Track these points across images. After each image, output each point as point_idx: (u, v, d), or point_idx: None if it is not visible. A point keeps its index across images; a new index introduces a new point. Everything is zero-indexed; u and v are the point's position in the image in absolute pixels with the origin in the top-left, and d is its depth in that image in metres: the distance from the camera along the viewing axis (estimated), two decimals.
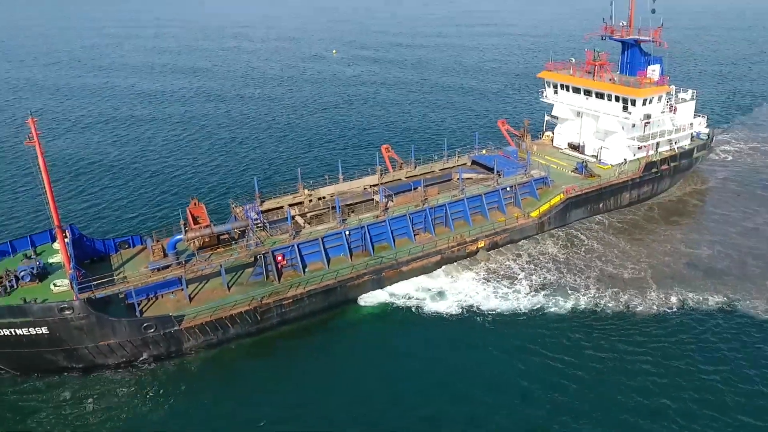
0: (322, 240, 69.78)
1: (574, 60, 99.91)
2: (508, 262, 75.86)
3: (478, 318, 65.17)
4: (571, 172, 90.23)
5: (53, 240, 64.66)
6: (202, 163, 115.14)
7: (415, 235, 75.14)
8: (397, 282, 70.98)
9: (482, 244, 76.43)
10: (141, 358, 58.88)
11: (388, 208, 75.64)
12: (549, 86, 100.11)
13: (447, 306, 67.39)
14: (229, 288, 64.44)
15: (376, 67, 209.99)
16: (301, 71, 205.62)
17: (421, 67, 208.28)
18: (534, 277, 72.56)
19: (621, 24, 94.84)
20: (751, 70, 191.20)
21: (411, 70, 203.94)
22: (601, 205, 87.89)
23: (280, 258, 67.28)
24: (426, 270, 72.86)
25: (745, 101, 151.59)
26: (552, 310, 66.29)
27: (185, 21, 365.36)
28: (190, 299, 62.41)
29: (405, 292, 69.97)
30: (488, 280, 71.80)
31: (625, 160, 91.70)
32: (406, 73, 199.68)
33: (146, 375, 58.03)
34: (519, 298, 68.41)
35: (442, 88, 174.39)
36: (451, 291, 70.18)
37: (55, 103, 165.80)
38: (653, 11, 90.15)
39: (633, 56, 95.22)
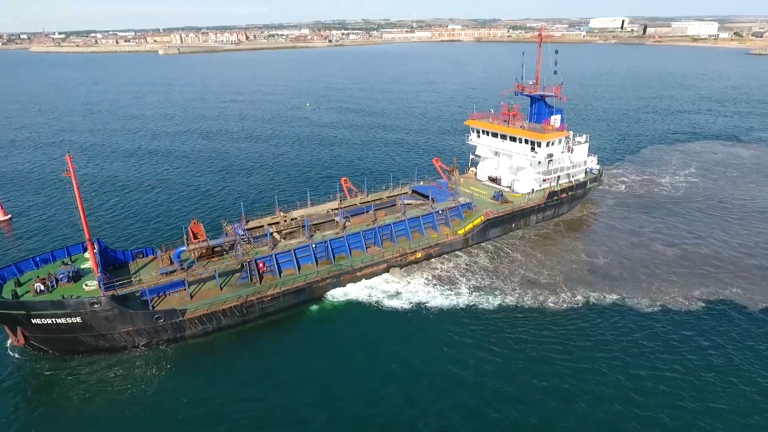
0: (294, 251, 73.01)
1: (493, 111, 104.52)
2: (447, 270, 79.87)
3: (421, 311, 69.26)
4: (490, 199, 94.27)
5: (84, 250, 68.60)
6: (201, 190, 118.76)
7: (366, 247, 78.56)
8: (352, 283, 74.74)
9: (419, 255, 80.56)
10: (153, 342, 62.08)
11: (346, 227, 79.18)
12: (473, 131, 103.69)
13: (392, 301, 71.29)
14: (221, 288, 67.39)
15: (339, 116, 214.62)
16: (282, 119, 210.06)
17: (375, 116, 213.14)
18: (464, 280, 76.69)
19: (530, 83, 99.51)
20: (640, 119, 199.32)
21: (366, 119, 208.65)
22: (513, 225, 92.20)
23: (261, 265, 70.34)
24: (375, 274, 76.77)
25: (634, 144, 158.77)
26: (483, 306, 69.74)
27: (191, 81, 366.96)
28: (191, 297, 65.32)
29: (358, 290, 73.81)
30: (427, 283, 75.81)
31: (533, 189, 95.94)
32: (362, 121, 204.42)
33: (157, 355, 61.41)
34: (443, 297, 72.33)
35: (391, 133, 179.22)
36: (393, 290, 73.87)
37: (88, 143, 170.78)
38: (555, 72, 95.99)
39: (539, 108, 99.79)
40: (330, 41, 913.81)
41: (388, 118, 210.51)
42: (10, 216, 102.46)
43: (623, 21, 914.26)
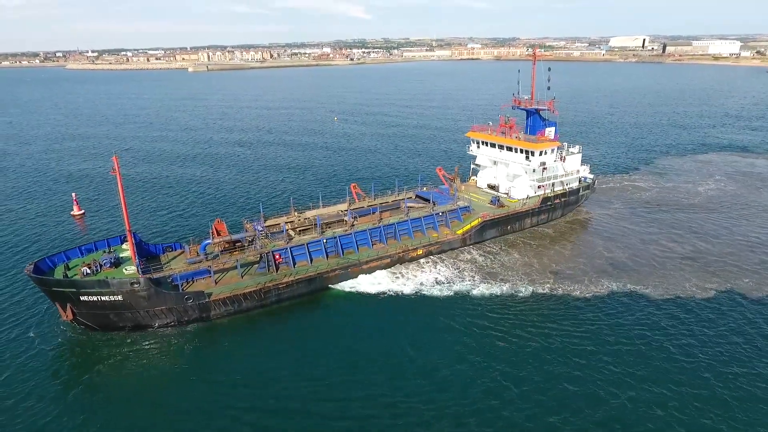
0: (307, 245, 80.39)
1: (491, 123, 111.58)
2: (454, 265, 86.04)
3: (422, 300, 75.39)
4: (488, 204, 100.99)
5: (122, 242, 77.21)
6: (224, 192, 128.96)
7: (372, 244, 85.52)
8: (358, 276, 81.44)
9: (420, 252, 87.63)
10: (183, 320, 69.53)
11: (354, 225, 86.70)
12: (474, 142, 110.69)
13: (392, 292, 77.55)
14: (242, 276, 74.71)
15: (361, 128, 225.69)
16: (310, 131, 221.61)
17: (390, 128, 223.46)
18: (472, 273, 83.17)
19: (525, 98, 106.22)
20: (656, 131, 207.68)
21: (382, 130, 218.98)
22: (509, 227, 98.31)
23: (277, 257, 77.56)
24: (379, 268, 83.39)
25: (650, 153, 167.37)
26: (484, 293, 75.96)
27: (222, 96, 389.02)
28: (216, 283, 72.66)
29: (364, 282, 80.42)
30: (430, 276, 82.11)
31: (528, 195, 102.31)
32: (379, 131, 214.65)
33: (186, 331, 68.50)
34: (451, 287, 78.66)
35: (398, 144, 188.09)
36: (396, 282, 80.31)
37: (130, 147, 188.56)
38: (549, 88, 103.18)
39: (534, 121, 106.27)
40: (351, 59, 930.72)
41: (399, 130, 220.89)
42: (83, 211, 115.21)
43: (644, 40, 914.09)
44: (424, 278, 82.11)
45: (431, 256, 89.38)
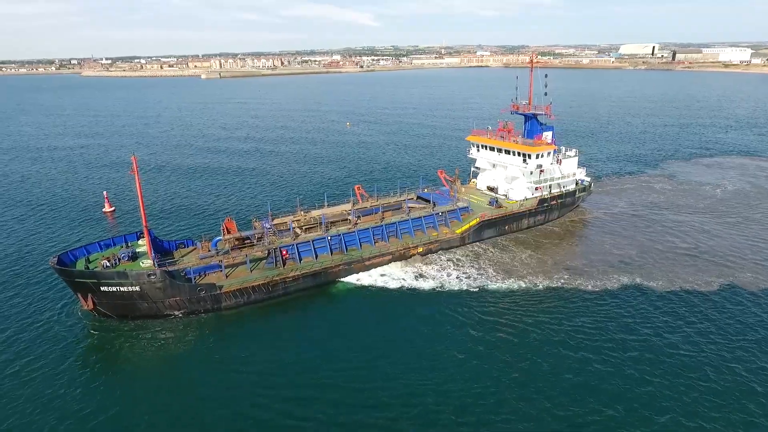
0: (313, 242, 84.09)
1: (490, 128, 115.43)
2: (453, 260, 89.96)
3: (419, 296, 78.30)
4: (487, 205, 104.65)
5: (138, 238, 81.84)
6: (235, 193, 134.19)
7: (375, 242, 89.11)
8: (361, 271, 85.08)
9: (420, 250, 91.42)
10: (196, 310, 73.50)
11: (357, 224, 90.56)
12: (474, 146, 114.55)
13: (393, 286, 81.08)
14: (251, 271, 78.09)
15: (372, 132, 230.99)
16: (323, 136, 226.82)
17: (395, 132, 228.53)
18: (474, 268, 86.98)
19: (523, 103, 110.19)
20: (664, 134, 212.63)
21: (391, 132, 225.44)
22: (506, 227, 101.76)
23: (284, 252, 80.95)
24: (381, 264, 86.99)
25: (656, 156, 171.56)
26: (487, 288, 79.43)
27: (241, 98, 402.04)
28: (226, 277, 76.22)
29: (366, 277, 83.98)
30: (429, 271, 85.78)
31: (525, 197, 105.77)
32: (387, 135, 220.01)
33: (199, 321, 71.96)
34: (452, 281, 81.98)
35: (402, 147, 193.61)
36: (396, 277, 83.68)
37: (148, 152, 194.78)
38: (546, 94, 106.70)
39: (532, 125, 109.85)
40: (361, 67, 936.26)
41: (403, 134, 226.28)
42: (113, 208, 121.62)
43: (654, 47, 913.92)
44: (429, 274, 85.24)
45: (436, 253, 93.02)
